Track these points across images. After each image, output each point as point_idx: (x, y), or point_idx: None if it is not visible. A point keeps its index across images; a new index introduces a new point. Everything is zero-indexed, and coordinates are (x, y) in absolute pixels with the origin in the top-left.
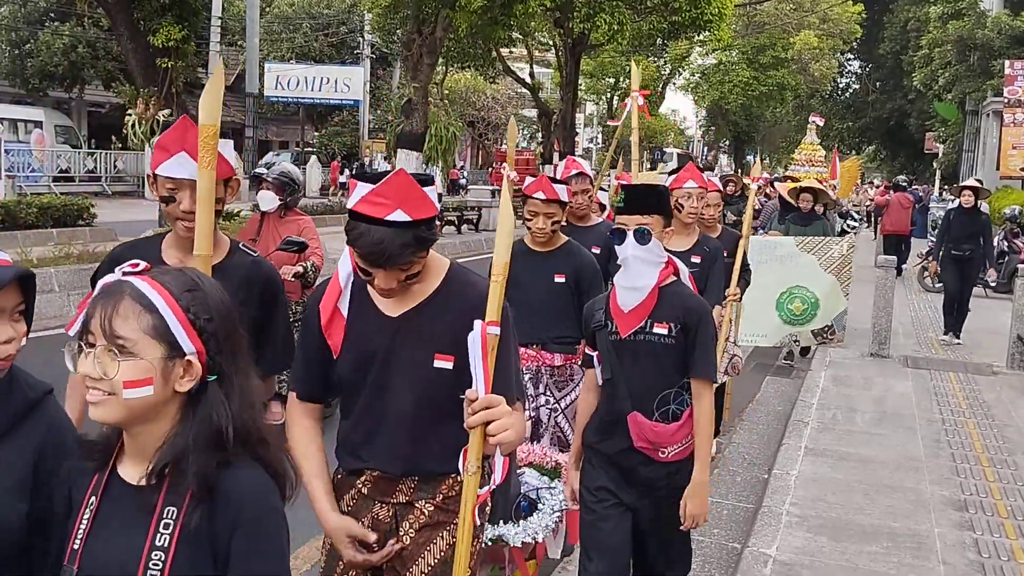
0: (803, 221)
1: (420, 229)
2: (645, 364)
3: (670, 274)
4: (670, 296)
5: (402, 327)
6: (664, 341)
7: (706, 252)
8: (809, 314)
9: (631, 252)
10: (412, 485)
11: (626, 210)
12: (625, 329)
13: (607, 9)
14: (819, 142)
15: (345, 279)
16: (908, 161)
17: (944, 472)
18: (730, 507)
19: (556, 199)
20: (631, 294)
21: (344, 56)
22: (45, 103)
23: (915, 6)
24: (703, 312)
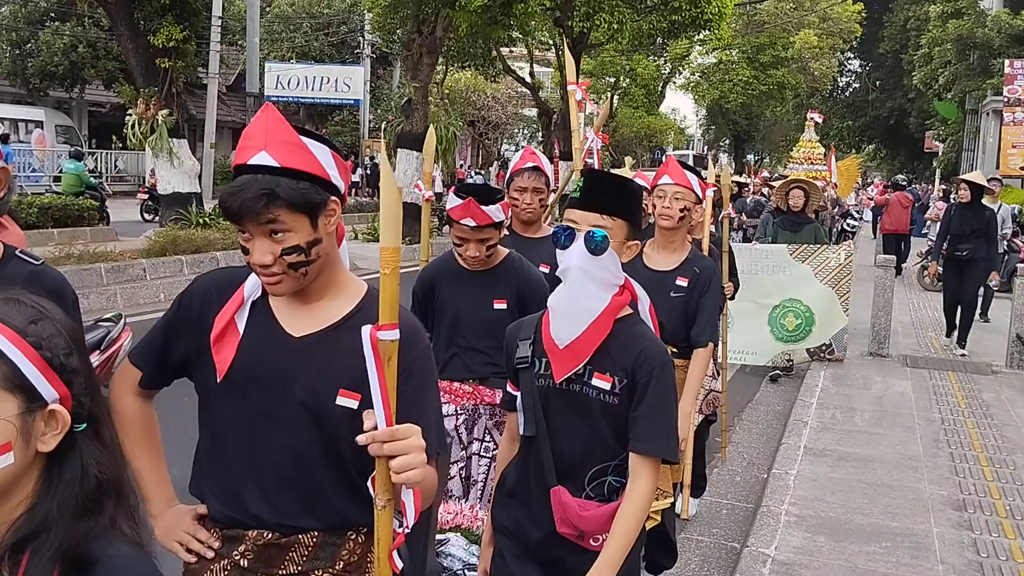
0: (792, 225)
1: (295, 183)
2: (578, 425)
3: (625, 303)
4: (622, 336)
5: (304, 351)
6: (604, 399)
7: (696, 274)
8: (804, 330)
9: (577, 262)
10: (306, 551)
11: (581, 202)
12: (559, 372)
13: (607, 8)
14: (818, 139)
15: (251, 290)
16: (908, 160)
17: (943, 472)
18: (729, 507)
19: (489, 223)
20: (570, 321)
21: (344, 56)
22: (46, 103)
23: (915, 5)
24: (660, 364)
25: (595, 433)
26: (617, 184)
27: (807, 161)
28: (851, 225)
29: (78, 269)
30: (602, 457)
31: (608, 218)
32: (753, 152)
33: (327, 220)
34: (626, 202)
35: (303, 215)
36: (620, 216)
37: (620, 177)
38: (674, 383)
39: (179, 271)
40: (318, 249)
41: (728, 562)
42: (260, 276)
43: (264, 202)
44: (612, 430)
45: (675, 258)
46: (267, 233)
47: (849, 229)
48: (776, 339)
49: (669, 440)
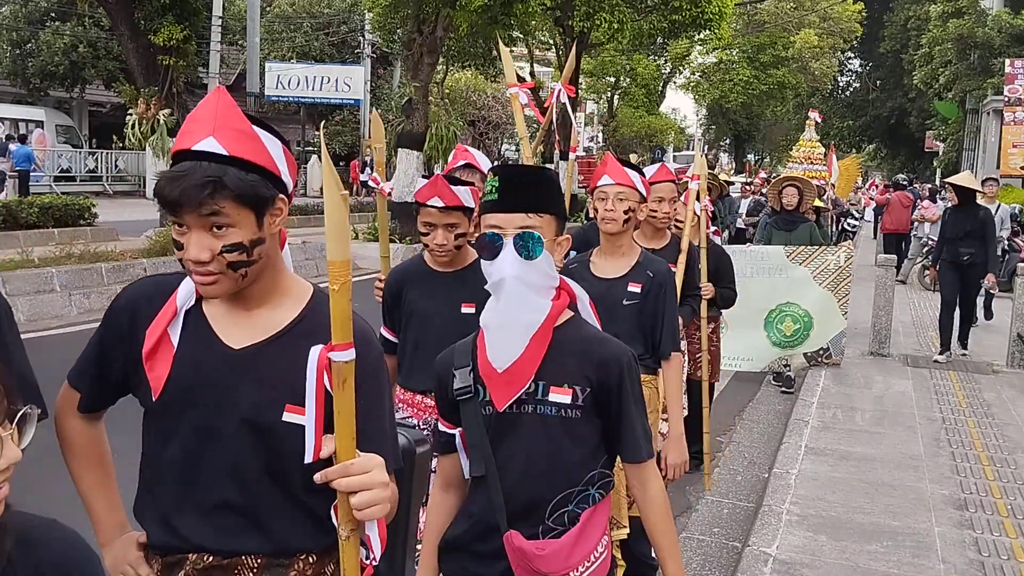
0: (787, 224)
1: (244, 174)
2: (535, 454)
3: (564, 306)
4: (574, 342)
5: (246, 363)
6: (566, 414)
7: (649, 278)
8: (801, 335)
9: (511, 271)
10: (251, 574)
11: (500, 204)
12: (502, 398)
13: (607, 8)
14: (818, 139)
15: (184, 298)
16: (908, 160)
17: (944, 471)
18: (730, 506)
19: (459, 205)
20: (509, 340)
21: (345, 55)
22: (46, 103)
23: (915, 4)
24: (626, 361)
25: (557, 458)
26: (536, 176)
27: (807, 160)
28: (851, 225)
29: (79, 269)
30: (564, 485)
31: (535, 216)
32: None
33: (273, 219)
34: (549, 194)
35: (249, 210)
36: (547, 211)
37: (535, 168)
38: (639, 374)
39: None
40: (261, 250)
41: (729, 561)
42: (193, 275)
43: (209, 191)
44: (577, 448)
45: (624, 263)
46: (207, 227)
47: (850, 229)
48: (773, 344)
49: (649, 440)
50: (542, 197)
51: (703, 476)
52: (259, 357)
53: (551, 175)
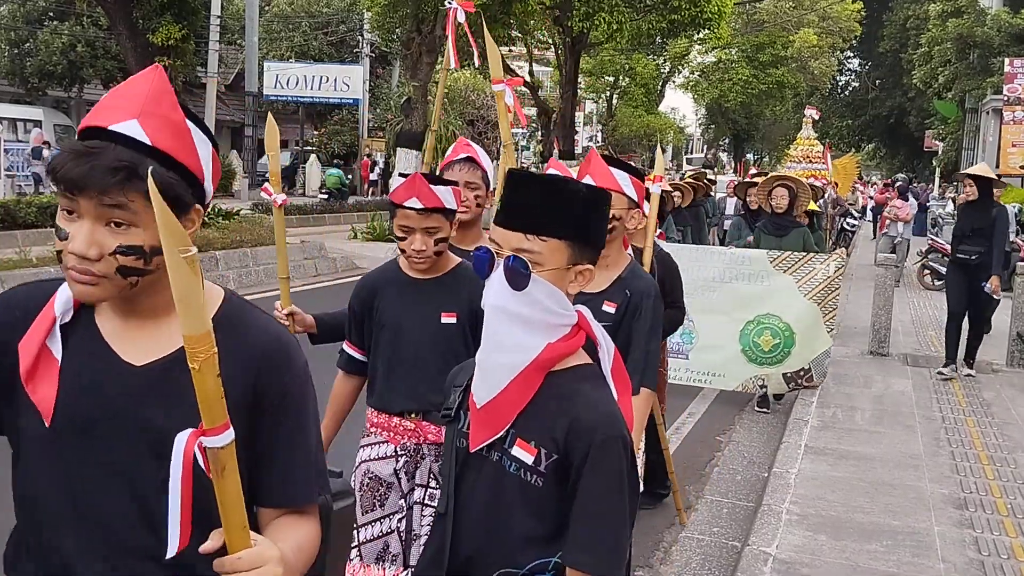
0: (777, 229)
1: (162, 169)
2: (489, 508)
3: (571, 351)
4: (558, 393)
5: (151, 382)
6: (525, 477)
7: (626, 297)
8: (782, 351)
9: (494, 299)
10: None
11: (499, 217)
12: (474, 438)
13: (606, 8)
14: (816, 136)
15: (63, 306)
16: (908, 159)
17: (944, 470)
18: (730, 505)
19: (440, 207)
20: (489, 375)
21: (343, 55)
22: (44, 102)
23: (914, 4)
24: (602, 440)
25: (505, 525)
26: (547, 190)
27: (805, 159)
28: (851, 224)
29: None
30: (508, 559)
31: (535, 239)
32: (753, 151)
33: (188, 226)
34: (561, 214)
35: (130, 214)
36: (554, 235)
37: (552, 180)
38: (626, 465)
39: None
40: (160, 260)
41: (729, 561)
42: (69, 270)
43: (120, 178)
44: (531, 522)
45: (605, 277)
46: (105, 219)
47: (849, 228)
48: (749, 360)
49: (611, 553)
50: (550, 217)
51: (702, 474)
52: (166, 374)
53: (577, 190)
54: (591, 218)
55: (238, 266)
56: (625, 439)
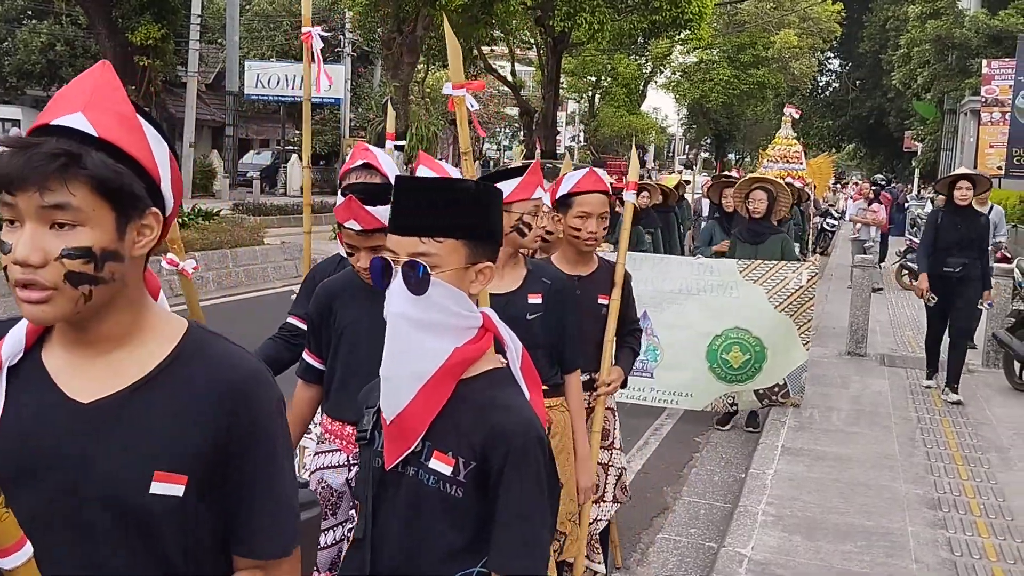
0: (753, 236)
1: (109, 159)
2: (409, 526)
3: (479, 353)
4: (473, 400)
5: (100, 423)
6: (444, 488)
7: (547, 285)
8: (752, 367)
9: (396, 307)
10: None
11: (392, 224)
12: (389, 455)
13: (588, 8)
14: (795, 136)
15: (12, 348)
16: (887, 159)
17: (919, 470)
18: (707, 507)
19: (379, 227)
20: (393, 388)
21: (325, 54)
22: (23, 101)
23: (894, 5)
24: (521, 444)
25: (428, 540)
26: (438, 191)
27: (783, 159)
28: (831, 225)
29: None
30: (442, 569)
31: (431, 241)
32: (734, 151)
33: (139, 234)
34: (454, 213)
35: (108, 206)
36: (451, 235)
37: (441, 181)
38: (545, 465)
39: (156, 272)
40: (114, 268)
41: (705, 562)
42: (17, 287)
43: (59, 166)
44: (453, 534)
45: (517, 274)
46: (47, 221)
47: (829, 229)
48: (718, 378)
49: (536, 555)
50: (445, 217)
51: (679, 475)
52: (118, 412)
53: (466, 188)
54: (485, 215)
55: (218, 267)
56: (542, 440)
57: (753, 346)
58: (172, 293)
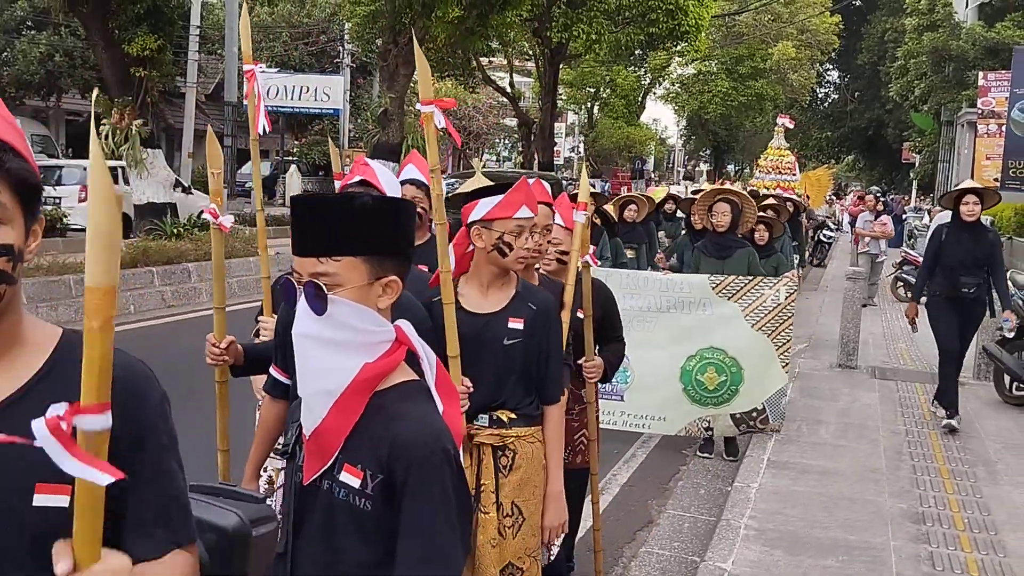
0: (718, 250)
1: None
2: (324, 542)
3: (391, 367)
4: (383, 413)
5: None
6: (354, 502)
7: (532, 311)
8: (729, 389)
9: (300, 327)
10: None
11: (295, 246)
12: (308, 470)
13: (584, 20)
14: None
15: None
16: (886, 171)
17: (904, 484)
18: (691, 520)
19: None
20: (311, 404)
21: (324, 65)
22: (22, 112)
23: (892, 17)
24: (422, 457)
25: (340, 553)
26: (333, 210)
27: (775, 170)
28: (827, 236)
29: (46, 281)
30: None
31: (328, 260)
32: (734, 162)
33: (33, 237)
34: (348, 230)
35: (20, 208)
36: (345, 252)
37: (337, 199)
38: (452, 478)
39: (150, 283)
40: (20, 269)
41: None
42: None
43: None
44: (365, 549)
45: (503, 295)
46: None
47: (826, 240)
48: (692, 401)
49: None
50: (338, 235)
51: (665, 488)
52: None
53: (363, 204)
54: (384, 229)
55: (211, 278)
56: (448, 451)
57: (729, 367)
58: (164, 304)
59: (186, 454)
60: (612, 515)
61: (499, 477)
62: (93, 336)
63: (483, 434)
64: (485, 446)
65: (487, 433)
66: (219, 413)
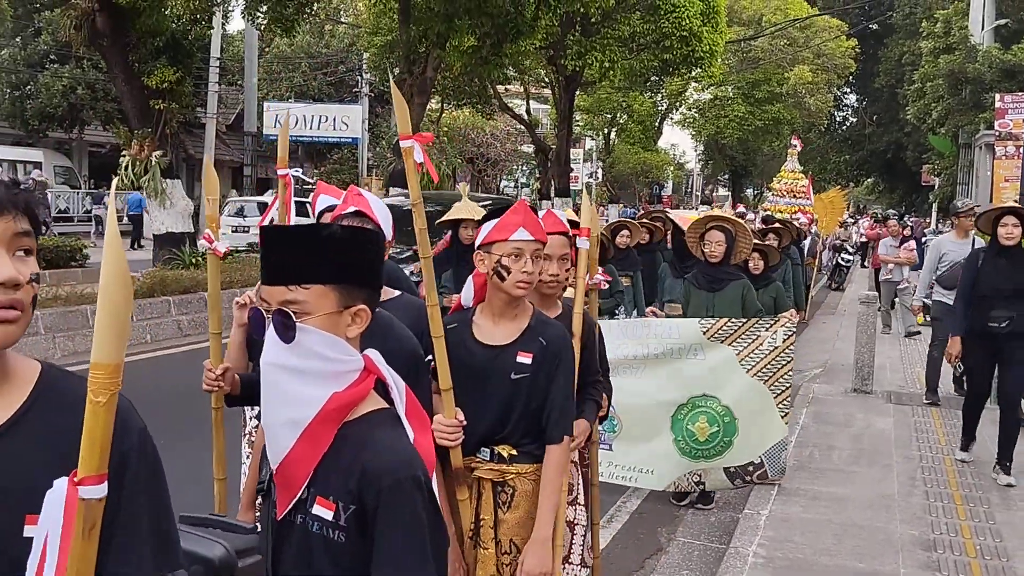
0: (710, 282)
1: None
2: (304, 573)
3: (360, 397)
4: (352, 443)
5: None
6: (327, 534)
7: (542, 346)
8: (721, 441)
9: (268, 356)
10: None
11: (264, 275)
12: (280, 504)
13: (598, 47)
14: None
15: None
16: (906, 193)
17: (916, 511)
18: (701, 548)
19: None
20: (277, 435)
21: (343, 94)
22: (46, 144)
23: (908, 40)
24: (391, 484)
25: None
26: (300, 239)
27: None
28: (845, 260)
29: (64, 311)
30: None
31: (297, 288)
32: (752, 187)
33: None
34: (317, 258)
35: (33, 236)
36: (315, 280)
37: (303, 229)
38: (423, 506)
39: (166, 312)
40: None
41: None
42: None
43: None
44: None
45: (515, 327)
46: (15, 248)
47: (844, 264)
48: (682, 453)
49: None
50: (306, 264)
51: (675, 516)
52: None
53: (330, 233)
54: (353, 257)
55: (227, 306)
56: (418, 479)
57: (721, 416)
58: (181, 334)
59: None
60: (621, 543)
61: (498, 513)
62: (97, 411)
63: (483, 468)
64: (485, 480)
65: (487, 468)
66: (216, 441)
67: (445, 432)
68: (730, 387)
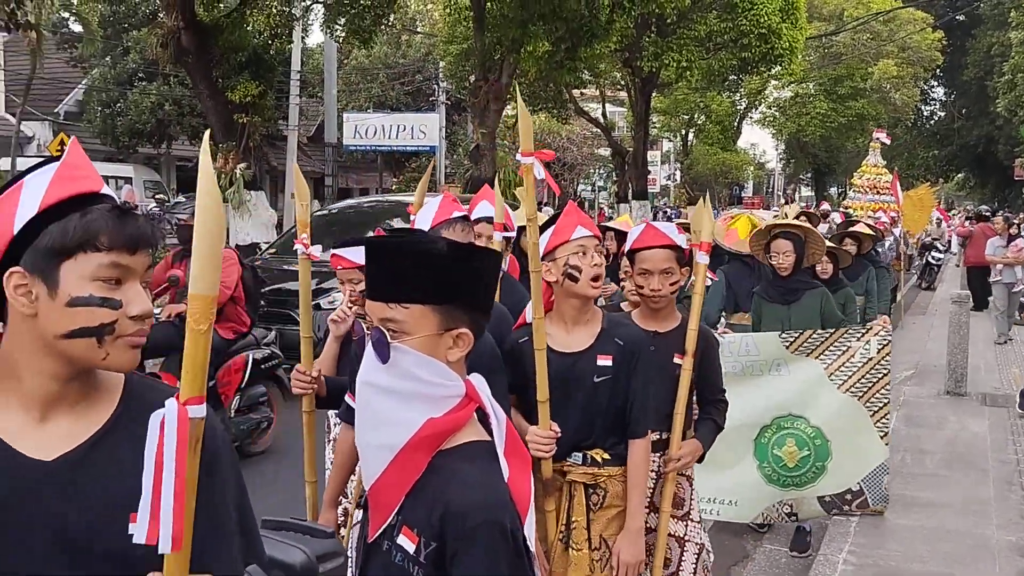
0: (783, 294)
1: None
2: None
3: (461, 423)
4: (443, 475)
5: (63, 478)
6: (408, 567)
7: (620, 347)
8: (813, 467)
9: (363, 375)
10: None
11: (367, 290)
12: (372, 526)
13: (675, 48)
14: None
15: None
16: (998, 189)
17: (1012, 516)
18: (787, 554)
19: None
20: (371, 456)
21: (420, 104)
22: (136, 159)
23: (998, 31)
24: (473, 528)
25: None
26: (403, 254)
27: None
28: (935, 258)
29: None
30: None
31: (397, 307)
32: (836, 185)
33: None
34: (419, 278)
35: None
36: (415, 300)
37: (409, 243)
38: (506, 556)
39: None
40: None
41: None
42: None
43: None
44: None
45: (589, 332)
46: (143, 279)
47: (934, 263)
48: (769, 481)
49: None
50: (407, 282)
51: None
52: (80, 465)
53: (435, 252)
54: (456, 278)
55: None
56: (503, 526)
57: (812, 438)
58: None
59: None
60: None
61: (589, 515)
62: (198, 338)
63: (576, 472)
64: (577, 484)
65: (580, 471)
66: (307, 444)
67: (541, 443)
68: (819, 406)
